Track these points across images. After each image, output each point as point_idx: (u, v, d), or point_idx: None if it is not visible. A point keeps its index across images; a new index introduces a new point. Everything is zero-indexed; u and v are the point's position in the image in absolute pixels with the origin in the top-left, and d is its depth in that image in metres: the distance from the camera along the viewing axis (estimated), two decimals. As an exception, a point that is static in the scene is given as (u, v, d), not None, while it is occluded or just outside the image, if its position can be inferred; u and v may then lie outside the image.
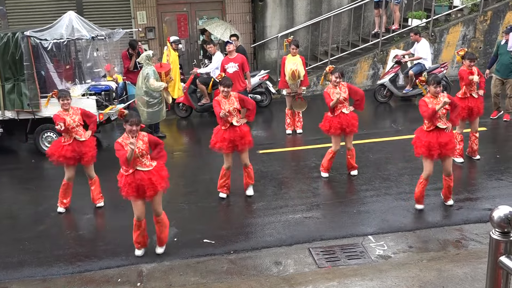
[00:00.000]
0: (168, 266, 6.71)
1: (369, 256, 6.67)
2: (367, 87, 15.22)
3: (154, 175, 6.62)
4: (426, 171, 7.63)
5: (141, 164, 6.59)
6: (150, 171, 6.61)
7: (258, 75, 13.75)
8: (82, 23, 11.05)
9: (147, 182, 6.55)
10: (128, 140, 6.42)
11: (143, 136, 6.66)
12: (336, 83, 8.75)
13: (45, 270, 6.79)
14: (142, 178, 6.54)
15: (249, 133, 8.38)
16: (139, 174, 6.55)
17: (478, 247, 6.73)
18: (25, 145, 11.65)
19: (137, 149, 6.46)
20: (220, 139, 8.19)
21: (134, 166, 6.54)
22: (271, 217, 7.85)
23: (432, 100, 7.41)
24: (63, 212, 8.37)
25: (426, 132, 7.51)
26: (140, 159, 6.58)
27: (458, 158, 9.47)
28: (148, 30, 16.25)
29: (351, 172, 9.27)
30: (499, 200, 7.94)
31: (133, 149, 6.27)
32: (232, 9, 16.56)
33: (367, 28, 16.24)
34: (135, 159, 6.51)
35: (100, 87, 11.32)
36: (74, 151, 8.06)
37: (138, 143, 6.50)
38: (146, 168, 6.60)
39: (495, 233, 2.75)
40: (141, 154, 6.55)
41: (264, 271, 6.49)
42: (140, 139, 6.60)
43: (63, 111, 8.05)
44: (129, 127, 6.44)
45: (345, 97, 8.77)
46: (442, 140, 7.40)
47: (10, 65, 10.67)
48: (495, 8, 15.35)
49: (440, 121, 7.44)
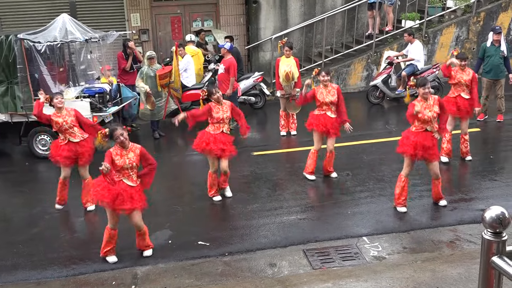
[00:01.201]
0: (163, 269, 6.70)
1: (364, 258, 6.68)
2: (361, 89, 15.27)
3: (136, 192, 6.63)
4: (406, 170, 7.75)
5: (128, 177, 6.61)
6: (134, 188, 6.62)
7: (252, 77, 13.75)
8: (75, 26, 11.02)
9: (127, 195, 6.54)
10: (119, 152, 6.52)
11: (135, 148, 6.66)
12: (325, 82, 8.76)
13: (39, 273, 6.77)
14: (124, 190, 6.53)
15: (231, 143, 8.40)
16: (123, 185, 6.56)
17: (472, 248, 6.75)
18: (18, 148, 11.60)
19: (128, 160, 6.52)
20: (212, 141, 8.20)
21: (120, 177, 6.55)
22: (266, 219, 7.85)
23: (422, 104, 7.48)
24: (61, 208, 8.43)
25: (414, 133, 7.58)
26: (128, 172, 6.59)
27: (444, 157, 9.54)
28: (142, 32, 16.24)
29: (331, 175, 9.24)
30: (493, 200, 7.97)
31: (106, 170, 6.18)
32: (226, 11, 16.58)
33: (360, 29, 16.28)
34: (124, 170, 6.54)
35: (94, 89, 11.29)
36: (71, 151, 8.10)
37: (129, 154, 6.55)
38: (131, 182, 6.61)
39: (487, 234, 2.75)
40: (130, 165, 6.56)
41: (259, 273, 6.49)
42: (132, 150, 6.61)
43: (56, 111, 8.10)
44: (119, 139, 6.50)
45: (332, 100, 8.74)
46: (426, 143, 7.48)
47: (3, 67, 10.65)
48: (488, 9, 15.43)
49: (430, 124, 7.50)
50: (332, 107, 8.79)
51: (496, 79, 11.46)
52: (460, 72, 9.29)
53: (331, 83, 8.90)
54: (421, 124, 7.51)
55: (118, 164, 6.50)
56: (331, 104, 8.75)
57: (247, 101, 13.79)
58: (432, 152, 7.56)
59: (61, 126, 8.02)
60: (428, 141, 7.49)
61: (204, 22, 16.79)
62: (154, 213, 8.16)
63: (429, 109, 7.45)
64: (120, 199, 6.51)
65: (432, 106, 7.48)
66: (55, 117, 8.06)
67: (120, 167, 6.51)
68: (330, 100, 8.73)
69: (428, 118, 7.43)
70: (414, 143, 7.50)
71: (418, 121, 7.51)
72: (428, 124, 7.48)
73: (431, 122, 7.48)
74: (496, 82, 11.48)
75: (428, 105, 7.46)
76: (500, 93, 11.52)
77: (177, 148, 11.97)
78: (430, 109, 7.46)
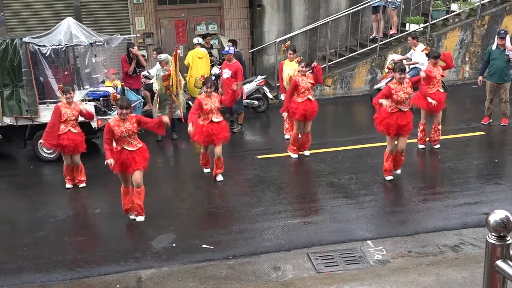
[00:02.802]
0: (167, 272, 6.71)
1: (368, 261, 6.67)
2: (365, 92, 15.26)
3: (137, 155, 7.66)
4: (389, 147, 8.81)
5: (128, 144, 7.63)
6: (135, 151, 7.65)
7: (255, 81, 13.77)
8: (80, 29, 11.07)
9: (130, 160, 7.58)
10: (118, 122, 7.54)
11: (131, 117, 7.62)
12: (303, 73, 9.82)
13: (43, 276, 6.78)
14: (127, 157, 7.58)
15: (226, 128, 9.33)
16: (125, 153, 7.60)
17: (476, 252, 6.73)
18: (23, 151, 11.64)
19: (125, 129, 7.51)
20: (199, 133, 9.07)
21: (121, 145, 7.58)
22: (270, 222, 7.85)
23: (396, 86, 8.52)
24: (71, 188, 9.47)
25: (389, 113, 8.60)
26: (128, 139, 7.60)
27: (421, 145, 10.48)
28: (146, 36, 16.27)
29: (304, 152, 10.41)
30: (498, 204, 7.94)
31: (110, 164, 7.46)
32: (230, 14, 16.60)
33: (365, 33, 16.27)
34: (123, 139, 7.54)
35: (99, 93, 11.34)
36: (70, 140, 9.11)
37: (125, 124, 7.53)
38: (132, 148, 7.64)
39: (491, 237, 2.75)
40: (128, 134, 7.56)
41: (263, 276, 6.49)
42: (129, 120, 7.57)
43: (66, 103, 9.10)
44: (119, 110, 7.48)
45: (312, 83, 9.91)
46: (400, 122, 8.57)
47: (8, 71, 10.68)
48: (492, 12, 15.40)
49: (403, 105, 8.58)
50: (311, 89, 10.03)
51: (500, 83, 11.42)
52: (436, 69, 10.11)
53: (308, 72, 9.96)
54: (396, 105, 8.55)
55: (116, 133, 7.50)
56: (311, 87, 10.00)
57: (250, 104, 13.81)
58: (407, 128, 8.68)
59: (68, 117, 9.05)
60: (401, 120, 8.59)
61: (208, 26, 16.81)
62: (158, 216, 8.19)
63: (402, 91, 8.50)
64: (125, 165, 7.61)
65: (406, 88, 8.55)
66: (64, 107, 9.08)
67: (119, 135, 7.51)
68: (311, 83, 9.92)
69: (401, 99, 8.50)
70: (387, 123, 8.63)
71: (392, 101, 8.51)
72: (402, 104, 8.56)
73: (404, 103, 8.57)
74: (500, 86, 11.44)
75: (402, 88, 8.52)
76: (504, 97, 11.48)
77: (181, 151, 11.99)
78: (403, 91, 8.51)
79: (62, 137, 9.08)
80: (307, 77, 9.87)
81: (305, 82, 9.84)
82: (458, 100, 13.77)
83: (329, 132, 12.63)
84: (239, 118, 12.55)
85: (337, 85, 15.38)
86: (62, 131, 9.07)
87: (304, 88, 9.83)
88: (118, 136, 7.53)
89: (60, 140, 9.08)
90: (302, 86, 9.81)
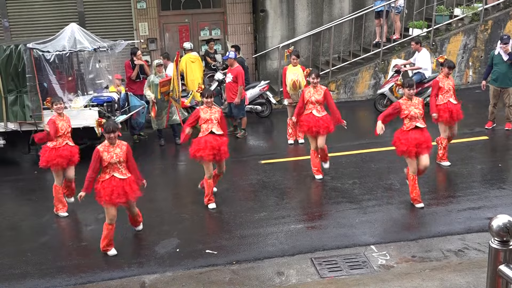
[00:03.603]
0: (171, 277, 6.71)
1: (372, 266, 6.67)
2: (369, 97, 15.25)
3: (127, 184, 7.13)
4: (411, 168, 8.15)
5: (118, 171, 7.11)
6: (125, 180, 7.13)
7: (259, 86, 13.77)
8: (84, 35, 11.11)
9: (120, 189, 7.05)
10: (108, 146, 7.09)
11: (122, 144, 7.18)
12: (315, 84, 9.26)
13: (47, 282, 6.80)
14: (117, 185, 7.05)
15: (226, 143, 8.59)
16: (115, 181, 7.07)
17: (480, 256, 6.72)
18: (27, 157, 11.68)
19: (115, 155, 7.04)
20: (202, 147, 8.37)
21: (110, 172, 7.08)
22: (273, 227, 7.85)
23: (406, 102, 8.05)
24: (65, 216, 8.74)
25: (405, 131, 8.09)
26: (117, 165, 7.09)
27: (445, 162, 9.87)
28: (150, 42, 16.32)
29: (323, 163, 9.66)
30: (501, 209, 7.92)
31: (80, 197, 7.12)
32: (234, 20, 16.63)
33: (368, 38, 16.28)
34: (113, 165, 7.05)
35: (102, 98, 11.37)
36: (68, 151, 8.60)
37: (115, 150, 7.07)
38: (121, 175, 7.12)
39: (494, 242, 2.75)
40: (118, 160, 7.06)
41: (267, 281, 6.48)
42: (119, 146, 7.13)
43: (57, 115, 8.60)
44: (107, 135, 7.05)
45: (318, 99, 9.23)
46: (419, 140, 7.99)
47: (12, 77, 10.72)
48: (496, 17, 15.39)
49: (418, 121, 8.03)
50: (317, 105, 9.26)
51: (504, 88, 11.40)
52: (445, 79, 9.70)
53: (320, 85, 9.42)
54: (410, 122, 8.04)
55: (105, 159, 7.01)
56: (316, 103, 9.23)
57: (254, 110, 13.81)
58: (426, 145, 8.05)
59: (61, 129, 8.51)
60: (420, 137, 8.00)
61: (211, 31, 16.85)
62: (162, 222, 8.21)
63: (414, 107, 8.01)
64: (116, 194, 7.03)
65: (418, 104, 8.07)
66: (59, 120, 8.57)
67: (107, 162, 7.01)
68: (316, 99, 9.22)
69: (415, 114, 7.98)
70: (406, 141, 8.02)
71: (406, 119, 8.05)
72: (416, 120, 8.01)
73: (418, 119, 8.02)
74: (504, 90, 11.42)
75: (413, 103, 8.04)
76: (508, 101, 11.45)
77: (183, 156, 11.99)
78: (415, 106, 8.02)
79: (60, 151, 8.51)
80: (316, 91, 9.28)
81: (310, 95, 9.24)
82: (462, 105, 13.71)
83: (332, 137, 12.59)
84: (242, 123, 12.57)
85: (340, 90, 15.38)
86: (60, 144, 8.52)
87: (307, 101, 9.27)
88: (107, 163, 7.01)
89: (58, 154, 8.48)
90: (306, 98, 9.27)
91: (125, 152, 7.13)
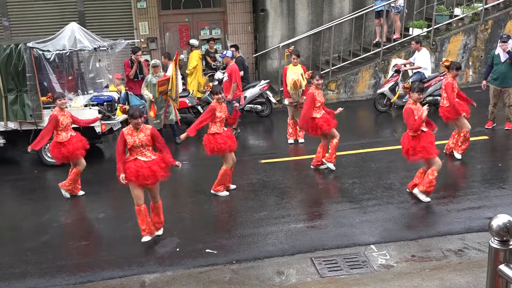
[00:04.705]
0: (171, 277, 6.71)
1: (371, 266, 6.67)
2: (369, 96, 15.26)
3: (154, 164, 7.22)
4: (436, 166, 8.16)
5: (141, 154, 7.22)
6: (151, 161, 7.23)
7: (259, 85, 13.77)
8: (84, 34, 11.11)
9: (147, 170, 7.16)
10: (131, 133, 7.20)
11: (146, 128, 7.25)
12: (319, 85, 9.57)
13: (47, 281, 6.80)
14: (141, 166, 7.15)
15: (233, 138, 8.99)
16: (139, 162, 7.18)
17: (480, 256, 6.72)
18: (27, 156, 11.67)
19: (138, 139, 7.14)
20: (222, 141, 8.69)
21: (134, 155, 7.21)
22: (273, 227, 7.85)
23: (416, 107, 8.09)
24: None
25: (411, 137, 8.13)
26: (141, 149, 7.21)
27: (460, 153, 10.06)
28: (150, 41, 16.33)
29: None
30: (501, 208, 7.92)
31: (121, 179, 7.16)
32: (234, 19, 16.64)
33: (368, 37, 16.29)
34: (136, 148, 7.17)
35: (103, 97, 11.38)
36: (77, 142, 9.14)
37: (139, 134, 7.16)
38: (145, 158, 7.22)
39: (494, 242, 2.76)
40: (141, 144, 7.17)
41: (267, 281, 6.49)
42: (143, 131, 7.21)
43: (59, 110, 9.01)
44: (134, 120, 7.12)
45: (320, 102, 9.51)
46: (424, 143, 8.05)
47: (13, 76, 10.73)
48: (496, 17, 15.40)
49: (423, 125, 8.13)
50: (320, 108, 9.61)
51: (504, 87, 11.41)
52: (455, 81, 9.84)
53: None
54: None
55: (129, 142, 7.15)
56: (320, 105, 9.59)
57: (254, 109, 13.81)
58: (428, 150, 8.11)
59: (62, 123, 8.96)
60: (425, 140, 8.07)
61: (212, 31, 16.87)
62: (162, 221, 8.20)
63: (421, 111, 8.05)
64: (142, 175, 7.14)
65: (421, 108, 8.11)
66: (60, 115, 9.00)
67: (131, 145, 7.15)
68: (322, 100, 9.61)
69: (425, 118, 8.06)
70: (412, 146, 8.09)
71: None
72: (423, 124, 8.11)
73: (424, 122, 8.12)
74: (504, 90, 11.43)
75: (418, 107, 8.09)
76: (508, 101, 11.46)
77: (183, 156, 11.99)
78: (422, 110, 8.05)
79: (67, 145, 9.04)
80: (319, 92, 9.65)
81: (321, 97, 9.60)
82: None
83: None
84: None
85: (340, 89, 15.39)
86: (65, 138, 9.03)
87: (321, 103, 9.56)
88: (130, 146, 7.18)
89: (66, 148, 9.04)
90: (320, 101, 9.54)
91: (149, 135, 7.20)
